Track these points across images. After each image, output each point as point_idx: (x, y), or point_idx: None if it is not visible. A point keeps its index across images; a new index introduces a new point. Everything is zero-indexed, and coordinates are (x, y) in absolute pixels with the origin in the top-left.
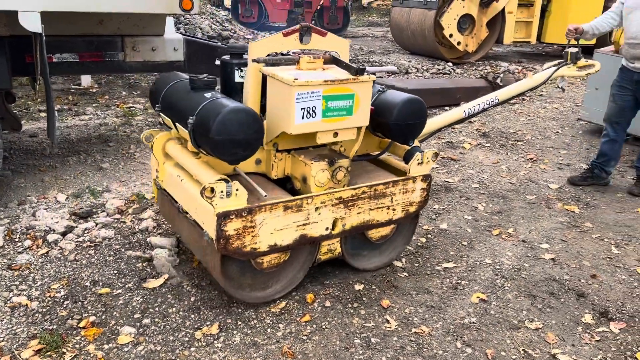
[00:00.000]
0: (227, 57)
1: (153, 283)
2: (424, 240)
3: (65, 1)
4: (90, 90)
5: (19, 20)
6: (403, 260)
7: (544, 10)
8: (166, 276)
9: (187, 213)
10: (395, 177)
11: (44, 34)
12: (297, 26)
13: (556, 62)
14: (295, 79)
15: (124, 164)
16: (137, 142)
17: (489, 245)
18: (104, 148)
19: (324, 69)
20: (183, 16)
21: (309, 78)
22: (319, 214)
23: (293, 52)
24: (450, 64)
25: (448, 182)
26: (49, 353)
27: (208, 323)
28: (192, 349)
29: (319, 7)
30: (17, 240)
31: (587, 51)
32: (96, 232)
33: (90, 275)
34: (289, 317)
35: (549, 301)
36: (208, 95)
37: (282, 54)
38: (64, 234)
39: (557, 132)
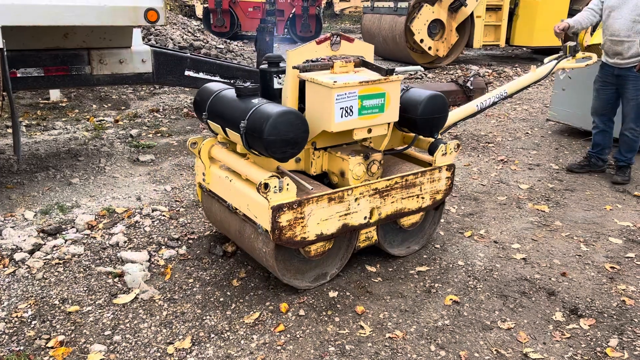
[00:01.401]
0: (265, 65)
1: (124, 299)
2: None
3: (26, 16)
4: (60, 104)
5: None
6: (377, 265)
7: (512, 14)
8: (137, 291)
9: (236, 210)
10: (423, 168)
11: (5, 49)
12: (329, 34)
13: (556, 55)
14: (335, 82)
15: (94, 178)
16: (108, 155)
17: (461, 247)
18: (74, 163)
19: (355, 72)
20: (154, 27)
21: (346, 80)
22: (358, 204)
23: (322, 59)
24: (422, 68)
25: None
26: None
27: (180, 337)
28: None
29: (290, 16)
30: None
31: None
32: (65, 249)
33: (59, 293)
34: (263, 328)
35: (521, 301)
36: (255, 101)
37: (312, 61)
38: (31, 252)
39: (527, 133)
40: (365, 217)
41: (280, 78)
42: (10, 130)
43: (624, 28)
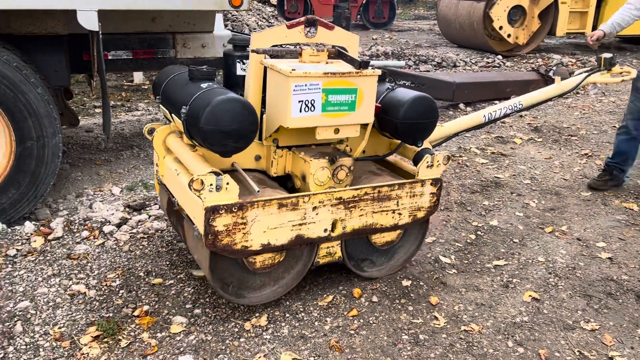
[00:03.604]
0: (229, 48)
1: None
2: (473, 237)
3: (121, 0)
4: (142, 86)
5: (78, 19)
6: (452, 257)
7: (601, 0)
8: None
9: (182, 208)
10: (402, 179)
11: (100, 32)
12: (302, 18)
13: (589, 67)
14: (292, 70)
15: None
16: None
17: (541, 243)
18: None
19: (327, 62)
20: (231, 13)
21: (307, 69)
22: (317, 214)
23: (300, 46)
24: (499, 56)
25: (498, 177)
26: (106, 339)
27: (257, 315)
28: (242, 339)
29: (364, 2)
30: (75, 231)
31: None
32: (149, 224)
33: (143, 266)
34: (336, 311)
35: (606, 302)
36: (204, 85)
37: (279, 46)
38: (118, 226)
39: (614, 126)
40: (325, 230)
41: (244, 64)
42: (98, 110)
43: None
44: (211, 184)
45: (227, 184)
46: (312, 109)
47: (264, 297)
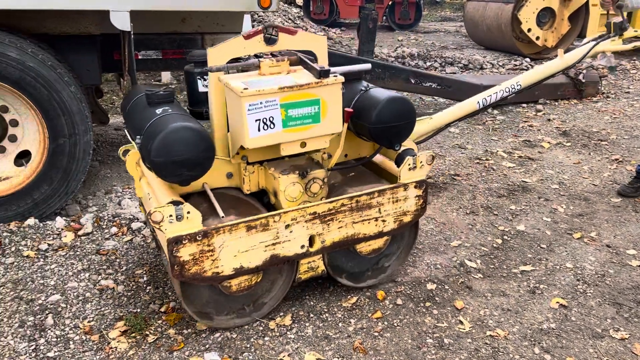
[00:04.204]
0: (190, 65)
1: None
2: (499, 241)
3: (152, 0)
4: (170, 85)
5: (110, 19)
6: (477, 261)
7: None
8: None
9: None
10: (382, 185)
11: (132, 32)
12: (260, 27)
13: (596, 35)
14: (244, 89)
15: None
16: None
17: (569, 249)
18: None
19: (289, 72)
20: (257, 14)
21: (260, 86)
22: (291, 232)
23: (265, 56)
24: (527, 59)
25: (525, 182)
26: (133, 334)
27: (281, 314)
28: (266, 338)
29: (390, 3)
30: (104, 227)
31: None
32: None
33: None
34: (360, 313)
35: (637, 310)
36: (159, 111)
37: (235, 60)
38: (146, 223)
39: None
40: (302, 246)
41: (205, 80)
42: None
43: None
44: (170, 215)
45: (188, 212)
46: (272, 126)
47: (246, 320)
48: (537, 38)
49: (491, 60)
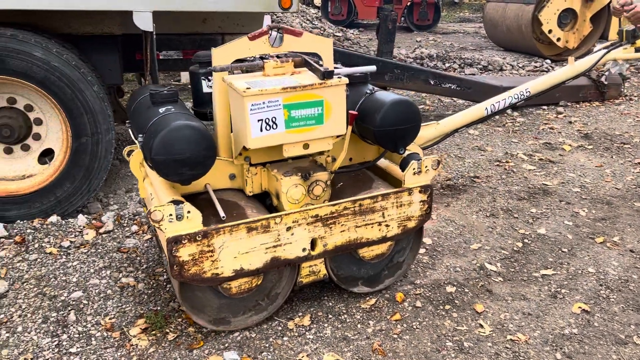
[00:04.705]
0: (195, 66)
1: None
2: (520, 244)
3: (175, 2)
4: (188, 86)
5: (133, 20)
6: (498, 264)
7: None
8: None
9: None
10: (386, 189)
11: (154, 33)
12: (265, 27)
13: (608, 43)
14: (247, 88)
15: None
16: None
17: (592, 254)
18: None
19: (293, 74)
20: (276, 14)
21: (264, 86)
22: (292, 234)
23: (270, 57)
24: (548, 61)
25: (546, 185)
26: (154, 332)
27: (300, 314)
28: (285, 338)
29: (409, 4)
30: (125, 225)
31: None
32: None
33: None
34: (379, 315)
35: None
36: (162, 110)
37: (240, 61)
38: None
39: None
40: (304, 249)
41: (210, 81)
42: None
43: None
44: (170, 214)
45: (189, 212)
46: (274, 126)
47: (244, 322)
48: (558, 39)
49: (511, 61)
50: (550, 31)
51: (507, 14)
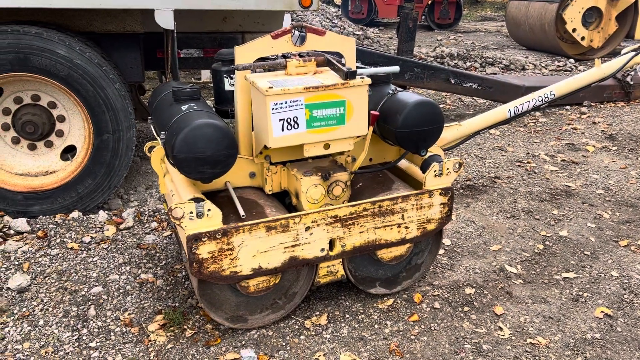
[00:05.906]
0: (217, 64)
1: None
2: (541, 247)
3: (196, 0)
4: (209, 84)
5: (155, 18)
6: (518, 266)
7: None
8: None
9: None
10: (407, 191)
11: (175, 31)
12: (289, 26)
13: (636, 45)
14: (269, 88)
15: None
16: None
17: (615, 257)
18: None
19: (315, 73)
20: (296, 13)
21: (286, 85)
22: (311, 234)
23: (293, 56)
24: (571, 60)
25: (569, 186)
26: (172, 328)
27: (317, 313)
28: (302, 337)
29: (430, 2)
30: (145, 221)
31: None
32: None
33: None
34: (397, 315)
35: None
36: (184, 107)
37: (262, 60)
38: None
39: None
40: (322, 249)
41: (232, 79)
42: None
43: None
44: (191, 212)
45: (209, 210)
46: (296, 126)
47: (260, 321)
48: (583, 38)
49: (533, 60)
50: (574, 30)
51: (530, 13)
